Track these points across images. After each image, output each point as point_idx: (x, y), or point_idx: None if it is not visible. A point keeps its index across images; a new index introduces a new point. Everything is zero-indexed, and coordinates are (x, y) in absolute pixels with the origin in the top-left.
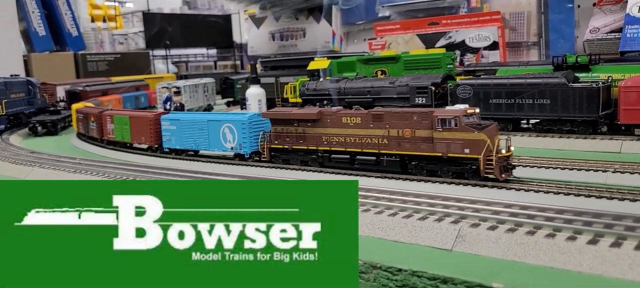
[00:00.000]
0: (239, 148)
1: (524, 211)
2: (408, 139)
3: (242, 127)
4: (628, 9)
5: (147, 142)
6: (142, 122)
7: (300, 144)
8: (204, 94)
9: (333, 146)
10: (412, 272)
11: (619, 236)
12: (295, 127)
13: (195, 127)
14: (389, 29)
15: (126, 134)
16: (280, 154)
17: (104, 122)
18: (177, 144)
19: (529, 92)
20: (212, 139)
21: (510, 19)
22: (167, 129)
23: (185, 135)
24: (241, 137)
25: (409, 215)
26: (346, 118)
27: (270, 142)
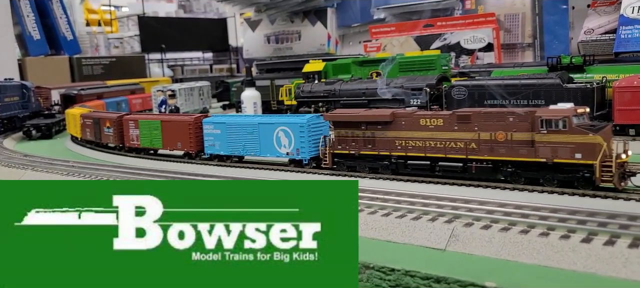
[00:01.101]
0: (295, 154)
1: (517, 210)
2: (503, 143)
3: (300, 130)
4: (622, 10)
5: (186, 148)
6: (178, 127)
7: (369, 149)
8: (200, 97)
9: (409, 151)
10: (405, 272)
11: (613, 234)
12: (362, 130)
13: (244, 130)
14: (384, 31)
15: (156, 140)
16: (344, 160)
17: (125, 127)
18: (222, 149)
19: (523, 93)
20: (263, 144)
21: (505, 20)
22: (211, 133)
23: (231, 139)
24: (298, 142)
25: (403, 215)
26: (425, 120)
27: (333, 147)
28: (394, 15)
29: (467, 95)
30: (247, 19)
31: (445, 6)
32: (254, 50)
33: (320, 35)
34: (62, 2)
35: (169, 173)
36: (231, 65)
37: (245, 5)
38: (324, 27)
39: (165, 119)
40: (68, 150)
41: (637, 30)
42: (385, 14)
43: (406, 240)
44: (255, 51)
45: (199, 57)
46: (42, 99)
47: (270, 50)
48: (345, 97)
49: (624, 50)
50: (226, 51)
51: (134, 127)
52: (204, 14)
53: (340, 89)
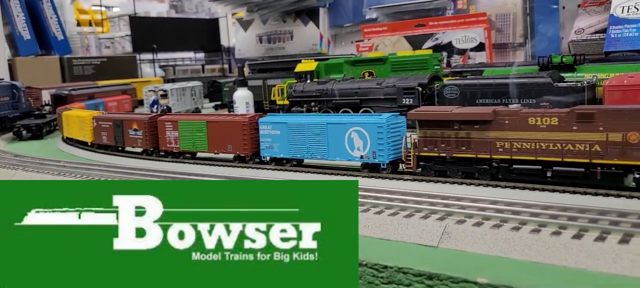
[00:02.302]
0: (372, 157)
1: (509, 207)
2: (637, 145)
3: (379, 131)
4: (612, 9)
5: (238, 151)
6: (229, 128)
7: (463, 152)
8: (192, 97)
9: (514, 154)
10: (398, 269)
11: (604, 230)
12: (455, 130)
13: (309, 131)
14: (376, 30)
15: (200, 142)
16: (432, 164)
17: (161, 129)
18: (282, 151)
19: (515, 92)
20: (333, 146)
21: (496, 20)
22: (268, 134)
23: (293, 141)
24: (376, 144)
25: (395, 213)
26: (534, 118)
27: (418, 149)
28: (386, 15)
29: (459, 95)
30: (239, 19)
31: (436, 6)
32: (246, 50)
33: (313, 35)
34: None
35: (166, 173)
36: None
37: (237, 5)
38: (316, 27)
39: (213, 119)
40: (59, 151)
41: (626, 30)
42: (377, 13)
43: (399, 238)
44: (247, 51)
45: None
46: (33, 99)
47: (263, 50)
48: (337, 96)
49: (614, 49)
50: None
51: (172, 128)
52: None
53: (332, 89)
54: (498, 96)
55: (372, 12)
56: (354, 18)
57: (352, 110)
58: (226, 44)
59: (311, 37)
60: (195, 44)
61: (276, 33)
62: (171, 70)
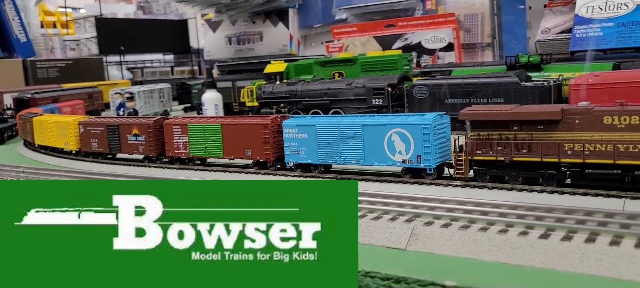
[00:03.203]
0: (416, 162)
1: (478, 208)
2: None
3: (424, 133)
4: (577, 10)
5: (259, 156)
6: (249, 131)
7: (525, 155)
8: (160, 100)
9: (587, 157)
10: (366, 273)
11: (570, 230)
12: (515, 131)
13: (343, 134)
14: (346, 31)
15: (215, 148)
16: (487, 169)
17: (168, 134)
18: (311, 157)
19: (483, 91)
20: (370, 150)
21: (465, 21)
22: (294, 138)
23: (323, 145)
24: (420, 147)
25: (363, 216)
26: (611, 117)
27: (471, 153)
28: (355, 15)
29: (429, 95)
30: (208, 21)
31: (406, 7)
32: (216, 52)
33: (283, 36)
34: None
35: (134, 178)
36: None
37: (205, 6)
38: (286, 28)
39: (230, 122)
40: (21, 157)
41: (591, 30)
42: (347, 14)
43: (367, 241)
44: (216, 53)
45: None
46: None
47: (232, 51)
48: (307, 97)
49: (580, 49)
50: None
51: (181, 133)
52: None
53: (302, 90)
54: (467, 96)
55: (342, 13)
56: (324, 19)
57: (322, 111)
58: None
59: (281, 38)
60: (164, 46)
61: (246, 34)
62: (139, 73)
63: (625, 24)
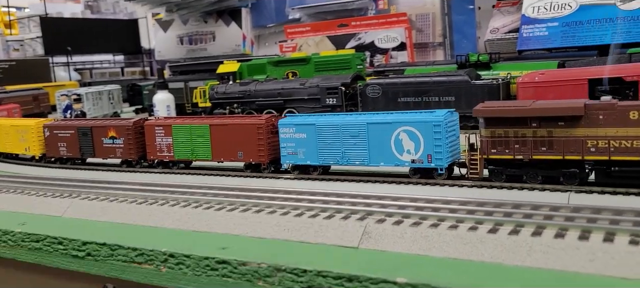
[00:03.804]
0: (426, 162)
1: (429, 204)
2: None
3: (435, 130)
4: (523, 10)
5: (252, 158)
6: (241, 132)
7: (544, 153)
8: (110, 101)
9: (612, 154)
10: (318, 273)
11: (518, 224)
12: (533, 128)
13: (345, 133)
14: (299, 31)
15: (202, 150)
16: (503, 168)
17: (149, 136)
18: (309, 158)
19: (434, 90)
20: (375, 150)
21: (417, 20)
22: (291, 137)
23: (324, 145)
24: (431, 145)
25: (316, 215)
26: (637, 112)
27: (485, 151)
28: (308, 15)
29: (381, 94)
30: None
31: (359, 6)
32: (167, 52)
33: (235, 36)
34: None
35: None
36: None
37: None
38: (238, 28)
39: (219, 122)
40: None
41: (537, 29)
42: (300, 14)
43: (319, 240)
44: (167, 52)
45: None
46: None
47: (184, 51)
48: (260, 97)
49: (526, 48)
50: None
51: (164, 134)
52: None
53: (255, 90)
54: (419, 94)
55: (295, 12)
56: (277, 18)
57: (276, 111)
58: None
59: (234, 37)
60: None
61: (198, 34)
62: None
63: (569, 24)
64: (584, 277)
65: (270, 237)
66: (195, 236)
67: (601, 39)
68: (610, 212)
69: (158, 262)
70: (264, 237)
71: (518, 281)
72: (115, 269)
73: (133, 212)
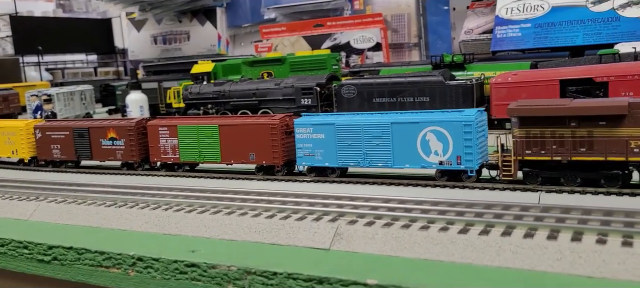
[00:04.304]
0: (455, 163)
1: (401, 205)
2: None
3: (466, 130)
4: (497, 11)
5: (265, 160)
6: (253, 132)
7: (584, 154)
8: (82, 101)
9: None
10: (288, 275)
11: (488, 224)
12: (571, 127)
13: (367, 133)
14: (274, 31)
15: (211, 151)
16: (538, 170)
17: (152, 137)
18: (327, 159)
19: (409, 90)
20: (400, 151)
21: (392, 21)
22: (308, 138)
23: (344, 146)
24: (461, 146)
25: (287, 216)
26: None
27: (520, 152)
28: (284, 15)
29: (356, 94)
30: (131, 19)
31: (334, 6)
32: (140, 52)
33: (210, 36)
34: None
35: (58, 185)
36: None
37: (128, 4)
38: (213, 27)
39: (229, 122)
40: None
41: (510, 30)
42: (275, 14)
43: (290, 242)
44: (141, 52)
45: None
46: None
47: (158, 51)
48: (235, 98)
49: (500, 48)
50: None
51: (169, 135)
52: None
53: (229, 90)
54: (394, 95)
55: (271, 12)
56: (253, 18)
57: (251, 111)
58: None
59: (209, 37)
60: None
61: (172, 33)
62: (60, 74)
63: (542, 25)
64: (551, 276)
65: (241, 239)
66: (164, 239)
67: (573, 40)
68: (579, 212)
69: (126, 266)
70: (235, 239)
71: (487, 281)
72: (82, 273)
73: (101, 215)
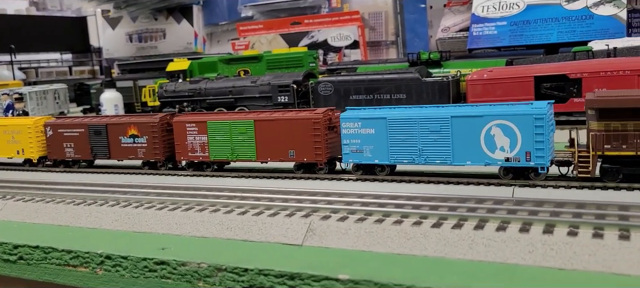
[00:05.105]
0: (524, 160)
1: (375, 200)
2: None
3: (537, 124)
4: (473, 9)
5: (306, 157)
6: (292, 128)
7: None
8: (55, 101)
9: None
10: (259, 271)
11: (461, 218)
12: None
13: (423, 128)
14: (251, 29)
15: (245, 150)
16: (620, 166)
17: (179, 134)
18: (377, 156)
19: (386, 87)
20: (461, 147)
21: (369, 18)
22: (356, 133)
23: (397, 142)
24: (531, 142)
25: (260, 212)
26: None
27: (599, 147)
28: (261, 13)
29: (333, 91)
30: (106, 17)
31: (312, 4)
32: (115, 50)
33: (187, 34)
34: None
35: (26, 183)
36: (93, 67)
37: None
38: (190, 25)
39: (266, 118)
40: None
41: (486, 28)
42: (252, 11)
43: (263, 238)
44: (116, 50)
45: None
46: None
47: (133, 49)
48: (211, 96)
49: (476, 46)
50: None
51: (197, 132)
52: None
53: (205, 88)
54: (370, 92)
55: (248, 10)
56: (230, 16)
57: (227, 109)
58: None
59: (185, 35)
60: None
61: (147, 31)
62: (33, 73)
63: (517, 23)
64: (522, 269)
65: (212, 236)
66: (134, 237)
67: (547, 38)
68: (551, 205)
69: (94, 265)
70: (206, 236)
71: (459, 274)
72: (49, 273)
73: (69, 213)
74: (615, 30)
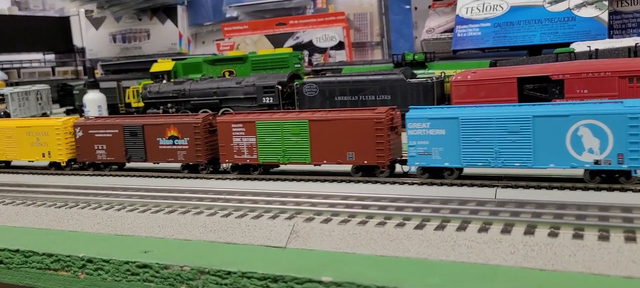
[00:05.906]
0: (615, 162)
1: (359, 202)
2: None
3: (631, 124)
4: (458, 10)
5: (367, 160)
6: (352, 128)
7: None
8: (38, 101)
9: None
10: (242, 274)
11: (444, 219)
12: None
13: (501, 128)
14: (237, 29)
15: (298, 151)
16: None
17: (224, 135)
18: (448, 158)
19: (371, 88)
20: (543, 148)
21: (355, 19)
22: (424, 135)
23: (471, 143)
24: (624, 143)
25: (244, 215)
26: None
27: None
28: (246, 13)
29: (318, 92)
30: (89, 17)
31: (297, 5)
32: (99, 50)
33: (171, 34)
34: None
35: (6, 186)
36: (77, 68)
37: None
38: (174, 26)
39: (321, 117)
40: None
41: (470, 29)
42: (237, 12)
43: (246, 241)
44: (99, 51)
45: (39, 59)
46: None
47: (117, 50)
48: (195, 96)
49: (461, 47)
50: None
51: (244, 133)
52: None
53: (190, 89)
54: (355, 93)
55: (233, 10)
56: (215, 16)
57: (211, 110)
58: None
59: (170, 35)
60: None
61: (131, 32)
62: (15, 73)
63: (501, 25)
64: (504, 270)
65: (195, 238)
66: (116, 240)
67: (530, 40)
68: (533, 206)
69: (75, 268)
70: (189, 238)
71: (441, 275)
72: (30, 277)
73: (50, 216)
74: (597, 32)
